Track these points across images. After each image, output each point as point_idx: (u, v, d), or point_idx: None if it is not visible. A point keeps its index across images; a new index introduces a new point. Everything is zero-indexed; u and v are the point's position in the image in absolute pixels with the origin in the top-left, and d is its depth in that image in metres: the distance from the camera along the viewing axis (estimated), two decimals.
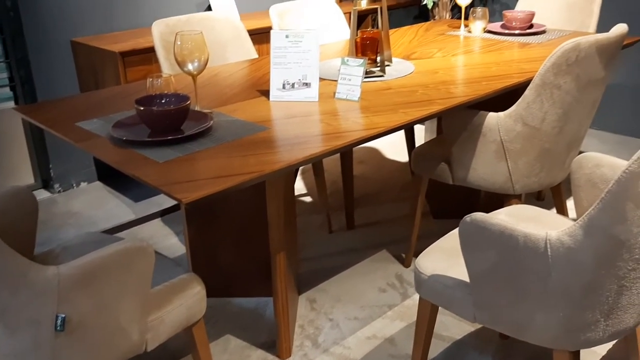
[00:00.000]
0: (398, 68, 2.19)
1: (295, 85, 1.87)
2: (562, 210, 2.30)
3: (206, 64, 1.70)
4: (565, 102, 1.86)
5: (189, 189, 1.28)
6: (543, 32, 2.74)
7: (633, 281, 1.20)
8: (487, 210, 1.96)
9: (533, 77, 2.00)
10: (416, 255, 2.44)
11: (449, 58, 2.34)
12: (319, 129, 1.60)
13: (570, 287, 1.22)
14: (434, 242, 1.68)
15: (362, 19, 3.93)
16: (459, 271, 1.47)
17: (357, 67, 1.83)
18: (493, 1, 4.02)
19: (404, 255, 2.46)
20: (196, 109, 1.72)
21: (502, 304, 1.34)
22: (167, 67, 2.36)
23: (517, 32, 2.72)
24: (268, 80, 2.09)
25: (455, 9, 4.08)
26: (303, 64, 1.86)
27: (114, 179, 3.25)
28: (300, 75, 1.86)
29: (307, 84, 1.86)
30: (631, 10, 3.43)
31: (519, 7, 3.13)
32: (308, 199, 3.05)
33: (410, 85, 1.98)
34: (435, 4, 3.83)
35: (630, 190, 1.10)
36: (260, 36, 3.29)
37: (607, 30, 1.86)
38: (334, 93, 1.91)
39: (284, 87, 1.87)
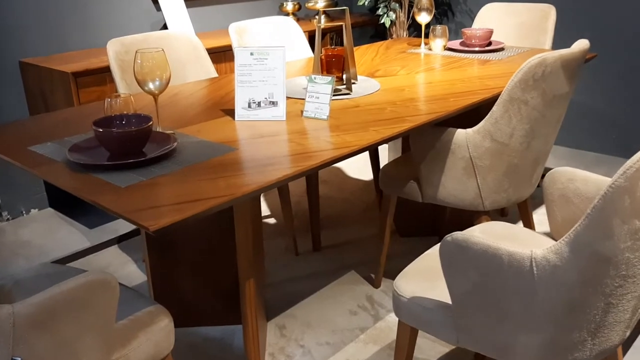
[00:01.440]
0: (364, 85, 2.16)
1: (262, 104, 1.81)
2: (530, 226, 2.30)
3: (168, 82, 1.62)
4: (532, 118, 1.86)
5: (156, 216, 1.19)
6: (501, 49, 2.77)
7: (619, 298, 1.18)
8: (454, 227, 1.95)
9: (498, 93, 2.01)
10: (386, 275, 2.41)
11: (413, 75, 2.33)
12: (289, 149, 1.54)
13: (556, 306, 1.19)
14: (403, 261, 1.64)
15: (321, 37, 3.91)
16: (439, 293, 1.42)
17: (325, 84, 1.79)
18: (449, 20, 4.07)
19: (373, 275, 2.41)
20: (158, 129, 1.64)
21: (486, 325, 1.30)
22: (123, 87, 2.27)
23: (476, 49, 2.74)
24: (231, 99, 2.02)
25: (412, 28, 4.12)
26: (269, 81, 1.80)
27: (67, 205, 3.10)
28: (267, 93, 1.80)
29: (273, 103, 1.80)
30: (583, 28, 3.52)
31: (476, 25, 3.17)
32: (272, 220, 2.97)
33: (378, 102, 1.94)
34: (392, 23, 3.84)
35: (616, 206, 1.07)
36: (218, 55, 3.23)
37: (561, 48, 1.88)
38: (302, 111, 1.86)
39: (249, 106, 1.80)
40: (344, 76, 2.08)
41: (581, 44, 1.88)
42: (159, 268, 2.03)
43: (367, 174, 3.49)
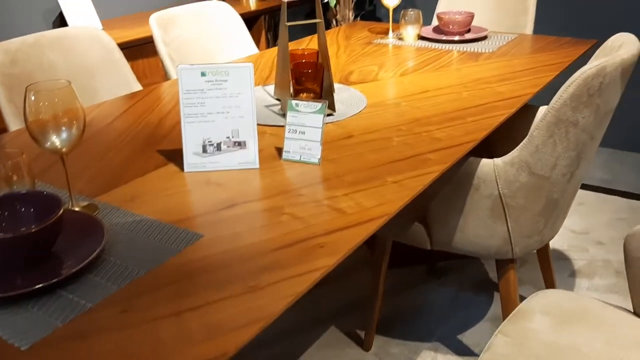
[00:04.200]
0: (345, 99, 1.64)
1: (223, 146, 1.25)
2: (550, 273, 1.92)
3: (82, 132, 1.03)
4: (580, 142, 1.42)
5: None
6: (485, 37, 2.33)
7: None
8: (445, 252, 1.50)
9: (519, 104, 1.56)
10: (379, 333, 1.93)
11: (399, 79, 1.83)
12: (283, 230, 1.00)
13: None
14: (393, 305, 1.16)
15: (250, 21, 3.31)
16: None
17: (313, 114, 1.25)
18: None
19: (360, 332, 1.93)
20: (71, 207, 1.05)
21: None
22: (10, 113, 1.62)
23: (456, 37, 2.28)
24: (170, 131, 1.44)
25: (358, 7, 3.60)
26: (232, 113, 1.24)
27: None
28: (229, 131, 1.25)
29: (240, 144, 1.25)
30: (567, 4, 3.13)
31: (442, 5, 2.70)
32: None
33: (376, 128, 1.43)
34: (337, 2, 3.31)
35: None
36: (132, 51, 2.58)
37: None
38: (277, 149, 1.32)
39: (204, 151, 1.24)
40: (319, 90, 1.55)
41: (634, 43, 1.44)
42: None
43: None
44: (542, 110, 1.96)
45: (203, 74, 1.23)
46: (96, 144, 1.40)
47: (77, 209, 1.05)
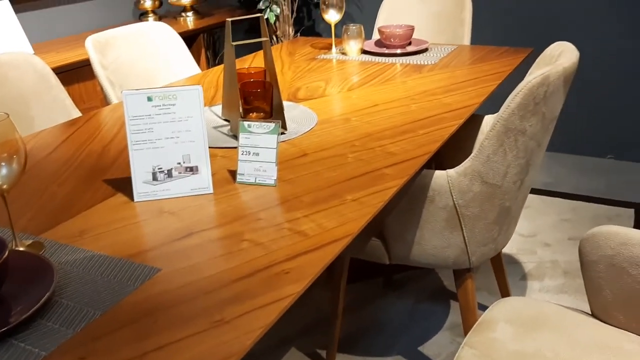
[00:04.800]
0: (296, 117, 1.62)
1: (174, 173, 1.20)
2: (504, 281, 1.95)
3: (24, 167, 0.97)
4: (529, 149, 1.45)
5: None
6: (426, 49, 2.36)
7: None
8: (398, 268, 1.50)
9: (465, 114, 1.59)
10: (341, 351, 1.90)
11: (347, 94, 1.83)
12: (244, 259, 0.97)
13: None
14: (354, 321, 1.15)
15: (189, 40, 3.26)
16: None
17: (266, 134, 1.23)
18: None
19: (323, 353, 1.90)
20: (14, 247, 0.98)
21: None
22: None
23: (398, 51, 2.31)
24: (115, 159, 1.38)
25: (298, 23, 3.60)
26: (182, 138, 1.20)
27: None
28: (180, 156, 1.20)
29: (192, 169, 1.21)
30: (502, 16, 3.23)
31: (381, 19, 2.73)
32: None
33: (330, 145, 1.42)
34: (277, 18, 3.29)
35: None
36: (68, 75, 2.48)
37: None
38: (231, 172, 1.28)
39: (155, 178, 1.19)
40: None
41: (573, 51, 1.49)
42: None
43: None
44: (487, 119, 2.00)
45: (149, 99, 1.18)
46: (37, 176, 1.33)
47: (21, 248, 0.99)
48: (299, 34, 3.56)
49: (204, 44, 3.27)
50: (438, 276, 2.26)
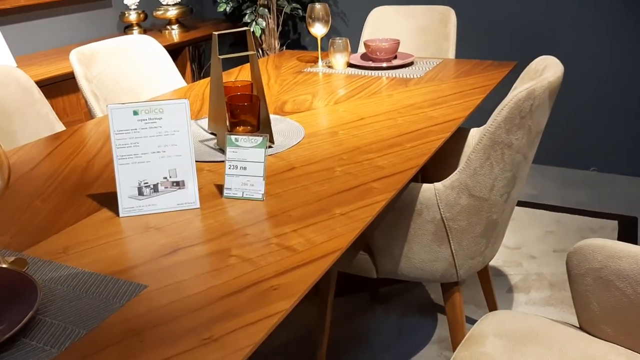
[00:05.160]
0: (283, 130, 1.62)
1: (160, 187, 1.19)
2: (492, 294, 1.95)
3: (8, 182, 0.95)
4: (515, 162, 1.46)
5: None
6: (411, 63, 2.38)
7: None
8: (385, 282, 1.48)
9: (452, 128, 1.59)
10: None
11: (334, 108, 1.83)
12: (232, 275, 0.96)
13: None
14: (340, 337, 1.14)
15: (175, 53, 3.24)
16: None
17: (254, 148, 1.22)
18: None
19: None
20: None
21: None
22: None
23: (384, 64, 2.32)
24: (100, 173, 1.37)
25: (283, 37, 3.61)
26: (168, 152, 1.19)
27: None
28: (166, 170, 1.19)
29: (178, 183, 1.19)
30: (486, 30, 3.26)
31: (367, 32, 2.75)
32: None
33: (317, 159, 1.41)
34: (262, 31, 3.30)
35: None
36: (51, 88, 2.46)
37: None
38: (217, 187, 1.27)
39: (141, 193, 1.18)
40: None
41: (557, 65, 1.51)
42: None
43: None
44: (473, 132, 2.01)
45: (135, 113, 1.17)
46: (20, 191, 1.30)
47: (4, 265, 0.97)
48: (284, 47, 3.57)
49: (190, 57, 3.26)
50: (425, 290, 2.26)
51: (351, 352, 1.94)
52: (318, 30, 2.33)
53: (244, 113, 1.46)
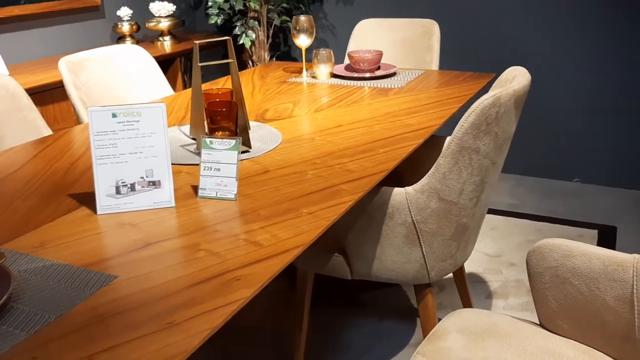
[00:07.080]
0: (261, 136, 1.67)
1: (137, 187, 1.24)
2: (467, 295, 1.99)
3: None
4: (483, 167, 1.52)
5: None
6: (394, 73, 2.44)
7: None
8: (362, 287, 1.52)
9: (426, 135, 1.65)
10: None
11: (314, 115, 1.89)
12: (199, 267, 1.01)
13: None
14: (318, 349, 1.18)
15: (166, 64, 3.31)
16: None
17: (227, 150, 1.27)
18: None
19: None
20: None
21: None
22: None
23: (367, 75, 2.38)
24: (81, 175, 1.42)
25: (274, 49, 3.68)
26: (145, 153, 1.24)
27: None
28: (143, 171, 1.24)
29: (154, 183, 1.25)
30: (469, 43, 3.33)
31: (352, 45, 2.82)
32: None
33: (291, 163, 1.47)
34: (252, 43, 3.37)
35: None
36: (42, 96, 2.52)
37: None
38: (193, 187, 1.32)
39: (118, 192, 1.23)
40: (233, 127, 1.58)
41: (524, 75, 1.57)
42: None
43: None
44: (449, 140, 2.06)
45: (114, 115, 1.22)
46: (1, 193, 1.35)
47: None
48: (274, 58, 3.64)
49: (181, 68, 3.33)
50: (403, 293, 2.30)
51: (329, 356, 1.98)
52: (302, 41, 2.39)
53: (223, 119, 1.51)
